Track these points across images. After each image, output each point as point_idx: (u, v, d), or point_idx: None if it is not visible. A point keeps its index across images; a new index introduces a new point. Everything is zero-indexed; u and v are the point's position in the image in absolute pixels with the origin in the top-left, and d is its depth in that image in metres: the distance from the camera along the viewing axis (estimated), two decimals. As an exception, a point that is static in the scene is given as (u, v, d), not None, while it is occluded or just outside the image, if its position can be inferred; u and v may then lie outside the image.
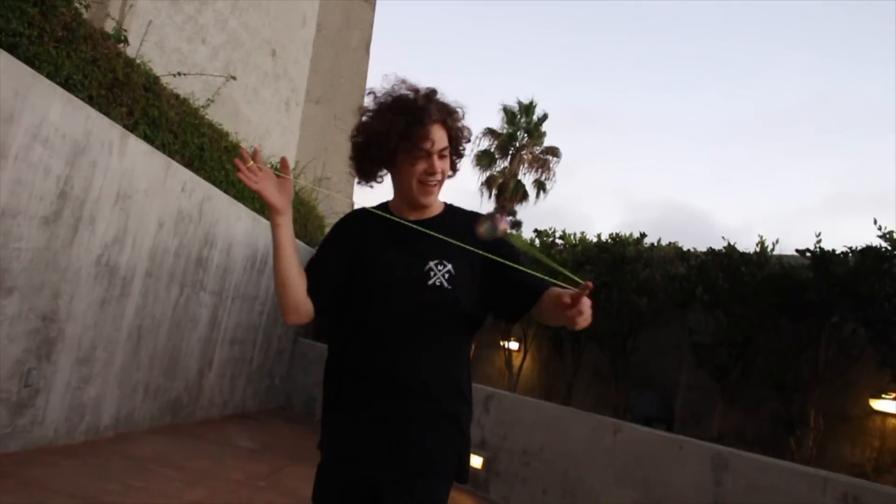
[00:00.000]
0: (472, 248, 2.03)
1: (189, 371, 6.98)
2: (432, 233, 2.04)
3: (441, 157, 2.07)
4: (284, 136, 12.55)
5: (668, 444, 5.34)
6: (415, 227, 2.09)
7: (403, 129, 2.02)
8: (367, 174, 2.16)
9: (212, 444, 6.45)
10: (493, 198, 35.33)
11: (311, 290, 2.04)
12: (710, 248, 6.30)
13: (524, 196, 35.25)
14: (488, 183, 35.51)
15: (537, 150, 35.54)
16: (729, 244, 6.15)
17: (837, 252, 5.46)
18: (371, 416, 2.03)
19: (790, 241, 5.93)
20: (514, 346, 8.66)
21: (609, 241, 7.20)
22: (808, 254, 5.60)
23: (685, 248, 6.73)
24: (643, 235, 7.02)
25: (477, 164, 35.48)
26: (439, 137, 2.05)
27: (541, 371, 8.75)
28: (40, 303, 4.64)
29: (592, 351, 7.45)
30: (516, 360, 8.57)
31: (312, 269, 2.09)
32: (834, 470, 5.38)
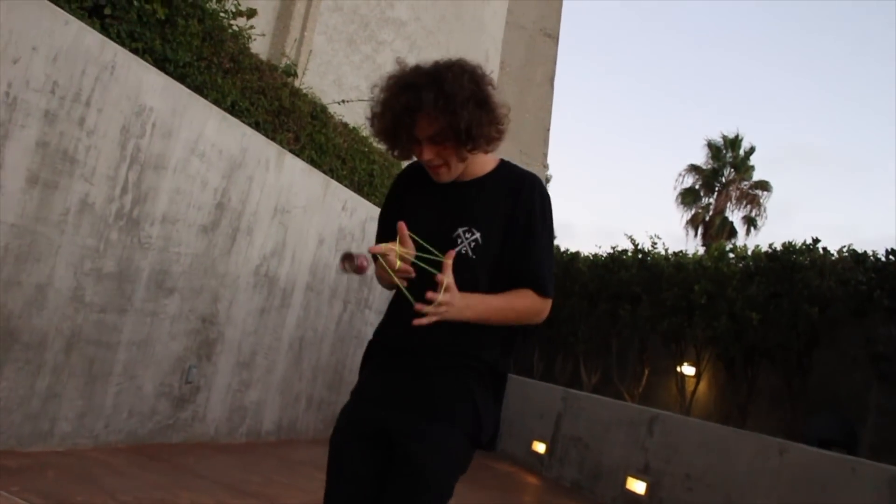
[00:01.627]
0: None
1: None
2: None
3: (433, 142, 1.97)
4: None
5: (839, 465, 4.80)
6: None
7: (391, 117, 1.98)
8: (393, 153, 2.12)
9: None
10: (698, 236, 33.98)
11: None
12: (890, 248, 5.64)
13: (732, 233, 33.57)
14: (693, 221, 34.26)
15: (745, 184, 33.88)
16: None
17: None
18: (394, 365, 2.05)
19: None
20: (688, 370, 8.19)
21: (780, 249, 6.66)
22: None
23: (861, 251, 6.08)
24: (816, 241, 6.42)
25: (681, 203, 34.39)
26: (426, 124, 1.93)
27: (717, 396, 8.21)
28: (200, 305, 5.04)
29: (767, 372, 6.88)
30: (690, 386, 8.11)
31: (381, 240, 2.08)
32: None
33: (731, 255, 7.55)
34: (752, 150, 33.45)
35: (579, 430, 7.76)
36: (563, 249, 10.54)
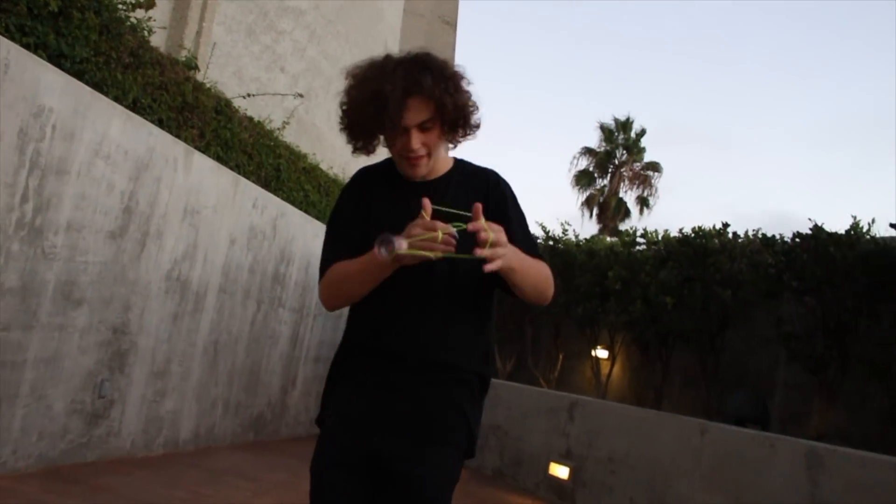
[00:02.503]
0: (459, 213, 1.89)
1: (271, 388, 7.05)
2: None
3: (422, 129, 1.89)
4: (371, 161, 12.70)
5: (759, 443, 4.98)
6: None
7: (375, 105, 1.87)
8: (358, 147, 2.03)
9: (292, 459, 6.47)
10: (594, 217, 34.89)
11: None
12: (797, 231, 5.92)
13: (626, 213, 34.62)
14: (588, 202, 35.11)
15: (637, 166, 34.96)
16: (815, 225, 5.73)
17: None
18: (379, 382, 1.94)
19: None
20: (602, 354, 8.38)
21: (691, 234, 6.87)
22: (904, 228, 5.16)
23: (770, 235, 6.34)
24: (726, 226, 6.66)
25: (576, 185, 35.19)
26: (417, 110, 1.86)
27: (631, 379, 8.43)
28: (110, 315, 4.78)
29: (681, 353, 7.10)
30: (605, 369, 8.30)
31: (343, 248, 2.00)
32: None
33: (643, 239, 7.73)
34: (642, 132, 34.49)
35: (498, 418, 7.81)
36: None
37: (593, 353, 8.37)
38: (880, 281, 5.18)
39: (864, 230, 5.59)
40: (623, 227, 34.46)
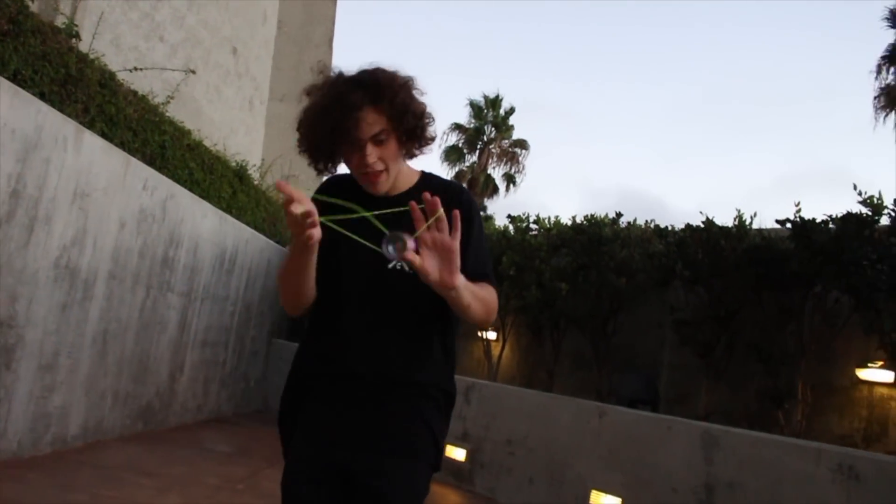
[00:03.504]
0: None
1: (160, 376, 6.75)
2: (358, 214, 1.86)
3: (377, 142, 1.87)
4: (249, 135, 12.31)
5: (656, 424, 5.23)
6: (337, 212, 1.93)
7: (329, 122, 1.84)
8: (319, 168, 1.99)
9: (186, 450, 6.24)
10: (462, 193, 35.21)
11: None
12: (688, 223, 6.21)
13: (495, 190, 35.26)
14: (457, 178, 35.46)
15: (505, 143, 35.56)
16: (707, 218, 6.05)
17: (818, 221, 5.39)
18: (343, 397, 1.93)
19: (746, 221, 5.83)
20: (492, 335, 8.53)
21: (584, 222, 7.08)
22: (789, 224, 5.51)
23: (663, 226, 6.63)
24: (619, 215, 6.91)
25: (445, 160, 35.44)
26: (370, 122, 1.83)
27: (521, 360, 8.62)
28: (-4, 308, 4.42)
29: (572, 336, 7.33)
30: (495, 350, 8.45)
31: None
32: (823, 442, 5.31)
33: (535, 225, 7.88)
34: (511, 110, 35.10)
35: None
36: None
37: (483, 334, 8.50)
38: (765, 273, 5.53)
39: (748, 223, 5.95)
40: (491, 204, 35.23)
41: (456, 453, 6.88)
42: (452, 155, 35.46)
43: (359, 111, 1.82)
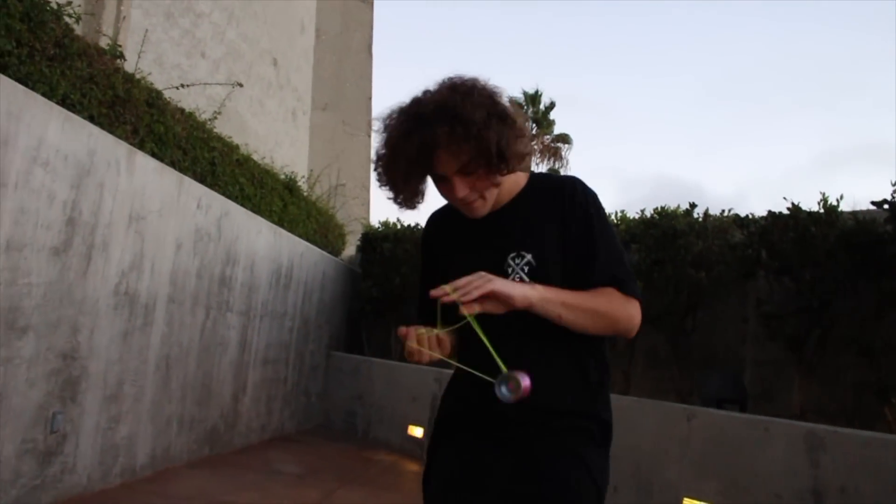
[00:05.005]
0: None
1: (223, 398, 6.61)
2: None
3: (465, 174, 1.69)
4: (294, 146, 12.19)
5: (752, 426, 4.90)
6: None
7: (406, 161, 1.69)
8: (400, 203, 1.83)
9: (255, 473, 6.07)
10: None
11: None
12: (771, 210, 5.86)
13: (540, 186, 34.86)
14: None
15: (547, 139, 35.20)
16: (793, 204, 5.69)
17: (919, 199, 5.01)
18: (481, 437, 1.76)
19: (784, 204, 5.50)
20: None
21: (655, 215, 6.75)
22: (886, 205, 5.14)
23: (743, 215, 6.27)
24: (693, 206, 6.57)
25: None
26: (451, 158, 1.67)
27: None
28: (58, 341, 4.27)
29: (646, 333, 7.01)
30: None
31: (425, 308, 1.82)
32: (933, 436, 4.94)
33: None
34: (552, 105, 34.73)
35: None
36: (413, 224, 10.26)
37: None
38: (863, 258, 5.17)
39: (835, 206, 5.58)
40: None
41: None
42: (493, 154, 35.19)
43: (436, 149, 1.65)
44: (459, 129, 1.63)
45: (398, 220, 10.49)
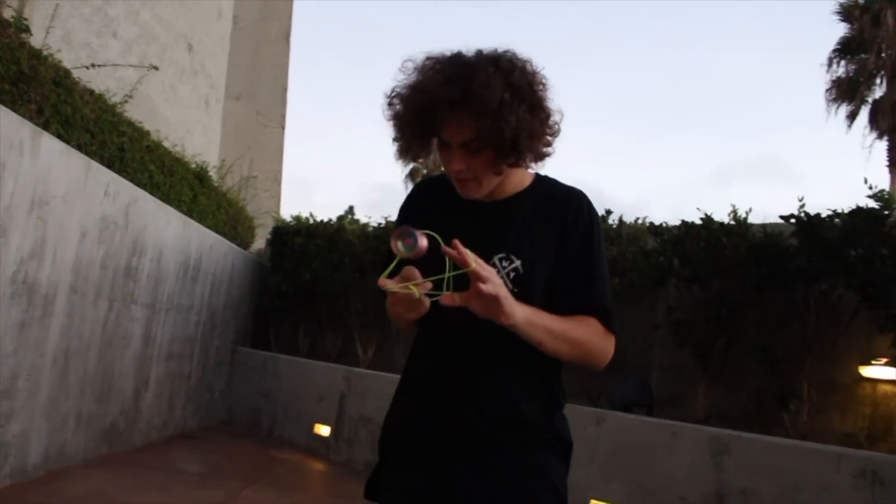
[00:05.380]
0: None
1: (124, 393, 6.34)
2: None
3: (468, 150, 1.57)
4: (206, 135, 11.83)
5: (660, 430, 5.02)
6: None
7: (417, 110, 1.57)
8: (401, 151, 1.70)
9: (156, 472, 5.85)
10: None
11: None
12: (684, 220, 6.03)
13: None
14: (412, 175, 35.13)
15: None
16: (706, 215, 5.88)
17: (823, 216, 5.26)
18: (443, 449, 1.64)
19: (684, 212, 5.73)
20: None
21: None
22: (793, 220, 5.37)
23: (658, 224, 6.43)
24: (608, 212, 6.70)
25: (399, 157, 35.09)
26: (460, 127, 1.55)
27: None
28: (-51, 331, 4.00)
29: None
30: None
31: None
32: (826, 441, 5.19)
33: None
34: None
35: (367, 409, 7.50)
36: (325, 220, 10.11)
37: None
38: (770, 270, 5.37)
39: (745, 219, 5.79)
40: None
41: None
42: (405, 152, 35.12)
43: (451, 110, 1.53)
44: (476, 100, 1.51)
45: (311, 214, 10.35)
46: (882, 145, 23.92)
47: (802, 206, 5.32)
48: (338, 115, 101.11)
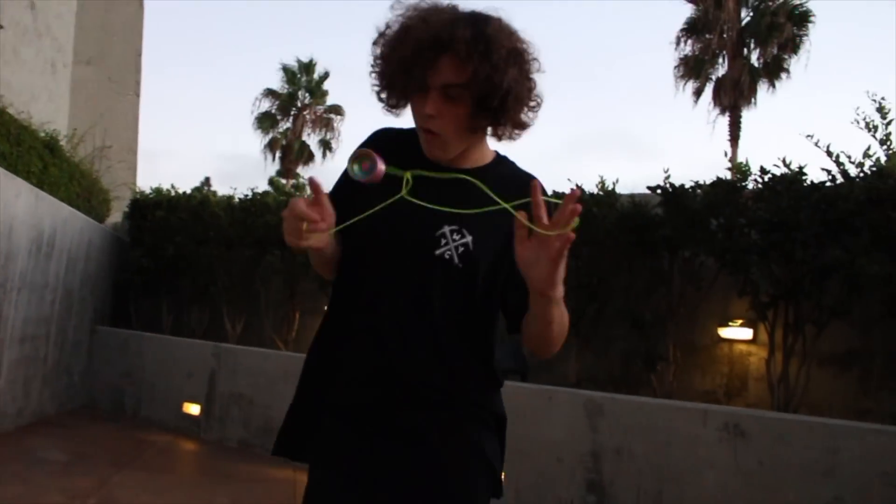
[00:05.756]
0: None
1: (-26, 380, 5.89)
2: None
3: (447, 97, 1.50)
4: (53, 101, 11.04)
5: (536, 395, 5.18)
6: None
7: (404, 47, 1.50)
8: (384, 100, 1.63)
9: (16, 464, 5.48)
10: (276, 160, 34.28)
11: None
12: (555, 191, 6.16)
13: (310, 157, 34.56)
14: (271, 145, 34.39)
15: (320, 109, 34.84)
16: (577, 185, 6.06)
17: (687, 187, 5.54)
18: (371, 423, 1.58)
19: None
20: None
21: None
22: (659, 190, 5.63)
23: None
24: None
25: (258, 127, 34.23)
26: (446, 69, 1.48)
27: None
28: None
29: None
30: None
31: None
32: (689, 399, 5.52)
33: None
34: (326, 75, 34.42)
35: (240, 386, 7.33)
36: (188, 191, 9.71)
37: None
38: (638, 239, 5.61)
39: (612, 190, 6.01)
40: (306, 171, 34.42)
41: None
42: (265, 122, 34.38)
43: (440, 52, 1.47)
44: (480, 44, 1.45)
45: (172, 186, 9.92)
46: (724, 120, 25.63)
47: (668, 177, 5.60)
48: (189, 83, 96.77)
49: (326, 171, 37.53)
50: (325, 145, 34.69)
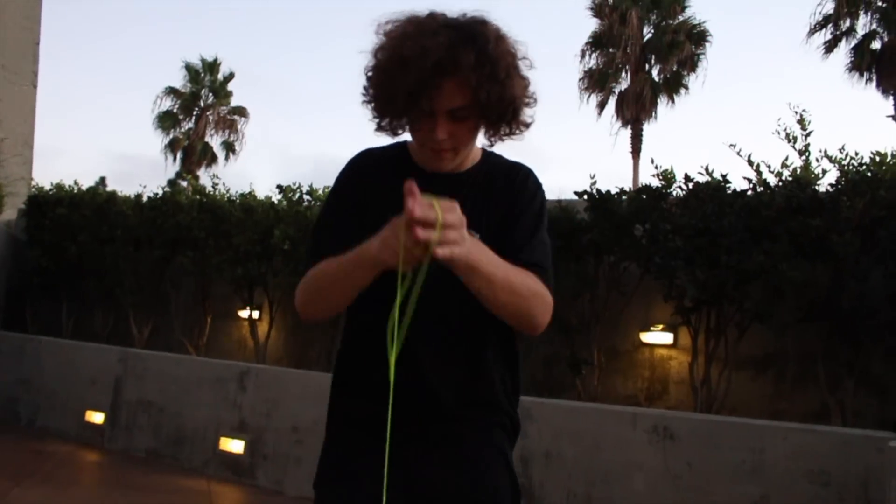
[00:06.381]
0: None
1: None
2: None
3: (454, 119, 1.49)
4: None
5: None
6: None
7: (405, 80, 1.45)
8: (382, 127, 1.59)
9: None
10: (177, 161, 33.33)
11: None
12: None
13: (213, 159, 33.80)
14: (172, 146, 33.47)
15: (224, 110, 34.17)
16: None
17: (613, 193, 5.59)
18: (403, 438, 1.54)
19: None
20: (256, 314, 7.89)
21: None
22: (586, 196, 5.66)
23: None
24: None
25: (159, 126, 33.21)
26: (450, 94, 1.46)
27: (289, 339, 8.11)
28: None
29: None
30: (262, 330, 7.86)
31: (335, 244, 1.52)
32: (612, 402, 5.57)
33: (308, 197, 7.34)
34: (231, 75, 33.92)
35: (148, 393, 6.99)
36: (85, 186, 9.24)
37: (250, 314, 7.85)
38: (565, 243, 5.62)
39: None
40: (209, 172, 33.56)
41: (232, 445, 6.28)
42: (167, 121, 33.41)
43: (442, 78, 1.43)
44: (487, 69, 1.43)
45: (75, 182, 9.42)
46: (626, 133, 26.44)
47: (594, 183, 5.65)
48: (83, 77, 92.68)
49: (229, 173, 36.69)
50: (229, 147, 33.97)
